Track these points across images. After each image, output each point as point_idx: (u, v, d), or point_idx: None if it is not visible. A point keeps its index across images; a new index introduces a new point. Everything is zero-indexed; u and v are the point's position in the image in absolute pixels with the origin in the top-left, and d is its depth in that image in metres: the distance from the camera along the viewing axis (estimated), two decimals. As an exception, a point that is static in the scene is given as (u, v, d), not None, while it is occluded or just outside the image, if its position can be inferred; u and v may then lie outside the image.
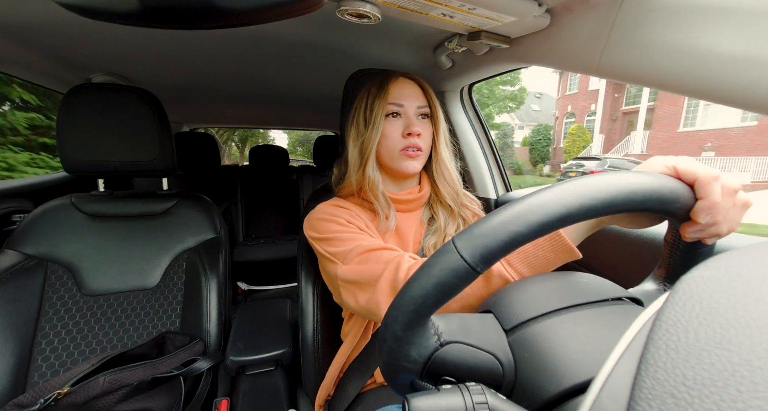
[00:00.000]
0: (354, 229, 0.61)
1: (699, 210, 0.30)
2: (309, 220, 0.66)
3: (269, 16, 0.46)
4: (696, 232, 0.32)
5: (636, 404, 0.16)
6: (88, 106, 0.82)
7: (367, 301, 0.52)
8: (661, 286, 0.39)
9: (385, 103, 0.64)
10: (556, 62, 0.66)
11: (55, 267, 0.84)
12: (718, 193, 0.30)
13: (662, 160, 0.33)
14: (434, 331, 0.31)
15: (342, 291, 0.58)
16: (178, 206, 0.99)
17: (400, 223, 0.69)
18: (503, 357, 0.31)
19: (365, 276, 0.53)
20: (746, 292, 0.17)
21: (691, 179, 0.31)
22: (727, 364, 0.15)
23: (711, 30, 0.42)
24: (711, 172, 0.30)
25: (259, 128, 4.18)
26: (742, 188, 0.32)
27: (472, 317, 0.34)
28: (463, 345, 0.30)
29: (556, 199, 0.27)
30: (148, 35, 0.86)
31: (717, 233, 0.32)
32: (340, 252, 0.58)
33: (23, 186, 1.24)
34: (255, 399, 0.84)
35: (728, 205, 0.31)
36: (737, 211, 0.33)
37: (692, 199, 0.31)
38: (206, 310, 0.93)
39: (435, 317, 0.32)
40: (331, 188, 0.76)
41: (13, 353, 0.75)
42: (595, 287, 0.34)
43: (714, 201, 0.30)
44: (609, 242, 0.73)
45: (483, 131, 1.20)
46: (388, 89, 0.65)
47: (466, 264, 0.26)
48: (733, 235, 0.58)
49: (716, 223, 0.31)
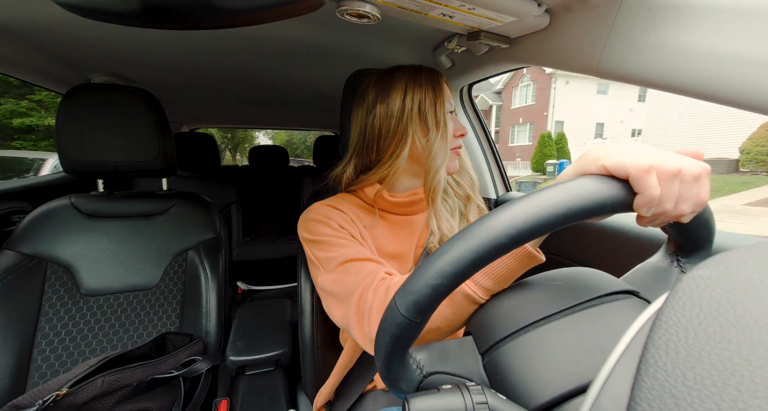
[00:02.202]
0: (345, 235, 0.60)
1: (639, 205, 0.28)
2: (303, 219, 0.65)
3: (269, 16, 0.46)
4: (650, 222, 0.30)
5: (636, 404, 0.16)
6: (87, 106, 0.82)
7: (341, 317, 0.53)
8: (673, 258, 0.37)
9: (446, 101, 0.63)
10: (555, 62, 0.66)
11: (54, 267, 0.84)
12: (653, 186, 0.27)
13: (594, 159, 0.29)
14: (416, 365, 0.33)
15: (322, 299, 0.59)
16: (178, 206, 0.99)
17: (400, 227, 0.68)
18: (480, 382, 0.32)
19: (341, 290, 0.53)
20: (746, 292, 0.17)
21: (623, 175, 0.28)
22: (727, 364, 0.15)
23: (711, 30, 0.42)
24: (642, 164, 0.27)
25: (259, 128, 4.18)
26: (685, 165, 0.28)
27: (453, 343, 0.36)
28: (444, 374, 0.33)
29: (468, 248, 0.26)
30: (148, 35, 0.86)
31: (677, 216, 0.30)
32: (324, 258, 0.58)
33: (23, 187, 1.24)
34: (255, 399, 0.84)
35: (673, 190, 0.28)
36: (689, 187, 0.29)
37: (631, 193, 0.28)
38: (206, 310, 0.93)
39: (415, 350, 0.34)
40: (329, 189, 0.75)
41: (12, 353, 0.75)
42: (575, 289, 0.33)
43: (651, 195, 0.27)
44: (608, 242, 0.73)
45: (483, 131, 1.20)
46: (443, 86, 0.63)
47: (406, 319, 0.28)
48: (733, 235, 0.58)
49: (666, 211, 0.29)
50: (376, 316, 0.46)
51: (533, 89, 19.38)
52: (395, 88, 0.62)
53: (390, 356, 0.30)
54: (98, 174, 0.87)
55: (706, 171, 0.29)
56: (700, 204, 0.30)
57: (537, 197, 0.26)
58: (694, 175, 0.29)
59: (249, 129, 10.88)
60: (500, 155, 1.23)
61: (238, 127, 4.05)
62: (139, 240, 0.93)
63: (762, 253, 0.20)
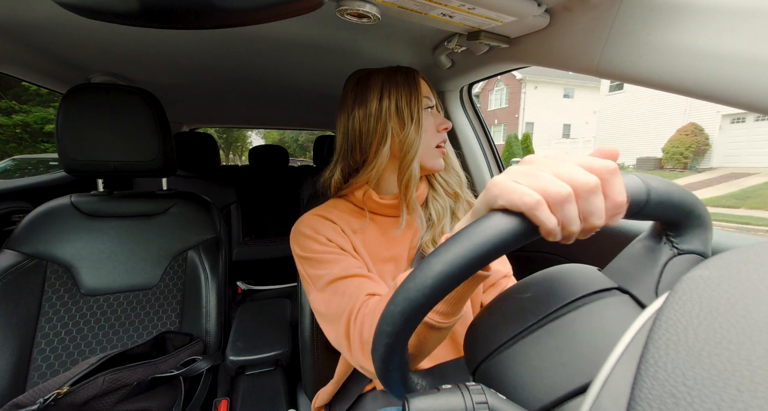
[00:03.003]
0: (333, 249, 0.61)
1: (545, 235, 0.27)
2: (294, 232, 0.66)
3: (269, 15, 0.46)
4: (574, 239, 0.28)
5: (636, 404, 0.16)
6: (87, 106, 0.82)
7: (334, 338, 0.55)
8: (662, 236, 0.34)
9: (421, 97, 0.63)
10: (555, 62, 0.66)
11: (54, 267, 0.84)
12: (547, 218, 0.26)
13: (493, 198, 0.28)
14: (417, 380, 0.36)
15: (316, 317, 0.61)
16: (178, 206, 0.99)
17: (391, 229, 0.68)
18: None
19: (330, 311, 0.55)
20: (746, 292, 0.17)
21: (519, 211, 0.27)
22: (727, 364, 0.15)
23: (711, 30, 0.42)
24: (528, 202, 0.26)
25: (259, 128, 4.17)
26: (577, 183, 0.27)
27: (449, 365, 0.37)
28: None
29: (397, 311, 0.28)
30: (148, 35, 0.86)
31: (595, 228, 0.28)
32: (314, 276, 0.60)
33: (23, 186, 1.24)
34: (255, 399, 0.84)
35: (571, 213, 0.27)
36: (589, 202, 0.27)
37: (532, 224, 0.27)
38: (206, 310, 0.93)
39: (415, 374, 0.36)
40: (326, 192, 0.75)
41: (12, 353, 0.75)
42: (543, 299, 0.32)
43: (548, 227, 0.26)
44: (609, 243, 0.73)
45: (483, 131, 1.21)
46: (418, 83, 0.64)
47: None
48: (733, 235, 0.58)
49: (575, 232, 0.27)
50: (358, 348, 0.49)
51: (506, 93, 20.48)
52: (372, 89, 0.64)
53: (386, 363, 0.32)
54: (98, 174, 0.87)
55: (606, 177, 0.27)
56: (614, 210, 0.27)
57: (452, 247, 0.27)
58: (587, 189, 0.27)
59: (249, 129, 10.95)
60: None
61: (238, 127, 4.05)
62: (139, 240, 0.93)
63: (762, 253, 0.20)
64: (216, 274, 0.96)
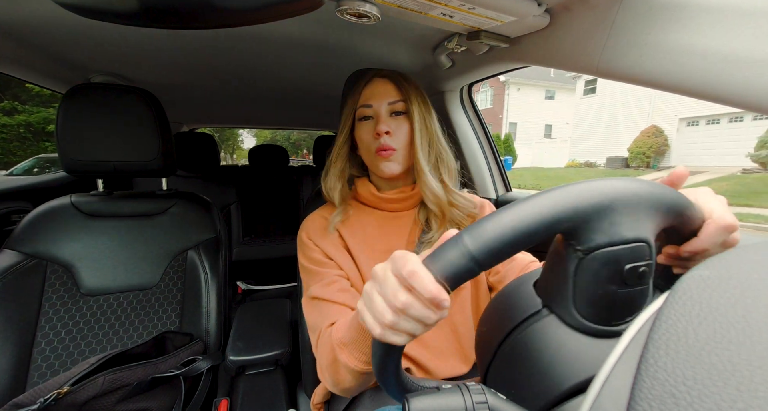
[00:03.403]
0: (320, 259, 0.65)
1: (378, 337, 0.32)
2: (300, 230, 0.70)
3: (269, 15, 0.46)
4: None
5: (636, 404, 0.16)
6: (87, 106, 0.82)
7: (314, 345, 0.59)
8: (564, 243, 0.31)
9: (356, 106, 0.65)
10: (555, 62, 0.66)
11: (54, 267, 0.84)
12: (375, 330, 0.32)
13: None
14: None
15: None
16: (178, 206, 0.99)
17: (389, 222, 0.69)
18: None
19: (310, 321, 0.61)
20: (746, 291, 0.17)
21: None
22: (727, 364, 0.15)
23: (710, 30, 0.42)
24: (375, 331, 0.32)
25: (258, 128, 4.17)
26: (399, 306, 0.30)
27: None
28: None
29: None
30: (148, 35, 0.86)
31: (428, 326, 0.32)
32: (305, 282, 0.65)
33: (23, 186, 1.24)
34: (255, 399, 0.84)
35: (407, 327, 0.30)
36: (412, 315, 0.30)
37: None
38: (206, 310, 0.93)
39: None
40: None
41: (12, 353, 0.75)
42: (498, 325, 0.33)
43: (377, 334, 0.32)
44: None
45: (483, 131, 1.20)
46: (360, 91, 0.65)
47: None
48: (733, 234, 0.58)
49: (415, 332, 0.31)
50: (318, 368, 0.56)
51: (491, 94, 20.83)
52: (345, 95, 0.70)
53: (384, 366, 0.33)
54: (98, 174, 0.87)
55: (407, 284, 0.29)
56: (431, 302, 0.28)
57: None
58: (401, 308, 0.29)
59: (249, 129, 10.97)
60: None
61: (238, 127, 4.05)
62: (139, 240, 0.93)
63: (762, 253, 0.20)
64: (216, 274, 0.96)
